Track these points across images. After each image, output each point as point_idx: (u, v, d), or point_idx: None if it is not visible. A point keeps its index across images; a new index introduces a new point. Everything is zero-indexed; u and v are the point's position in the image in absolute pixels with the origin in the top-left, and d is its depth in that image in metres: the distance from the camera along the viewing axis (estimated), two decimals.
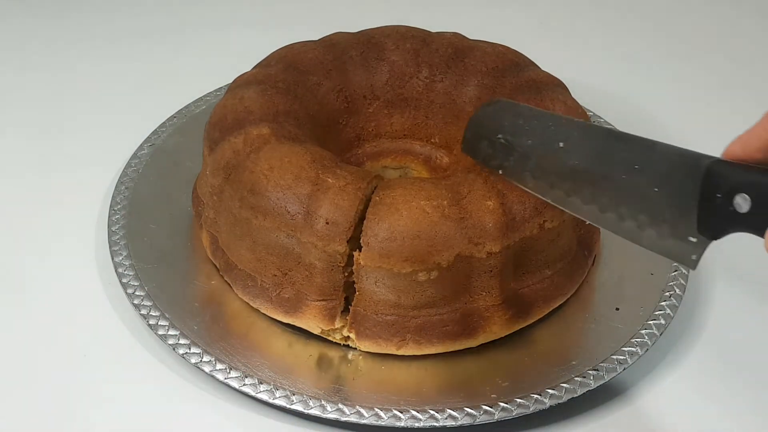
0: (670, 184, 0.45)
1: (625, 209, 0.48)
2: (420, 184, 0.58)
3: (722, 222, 0.42)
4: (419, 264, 0.56)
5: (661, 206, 0.46)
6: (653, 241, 0.47)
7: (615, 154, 0.49)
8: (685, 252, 0.45)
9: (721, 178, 0.42)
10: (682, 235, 0.44)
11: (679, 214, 0.44)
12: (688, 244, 0.44)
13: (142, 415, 0.57)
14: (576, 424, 0.58)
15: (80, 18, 0.97)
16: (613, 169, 0.49)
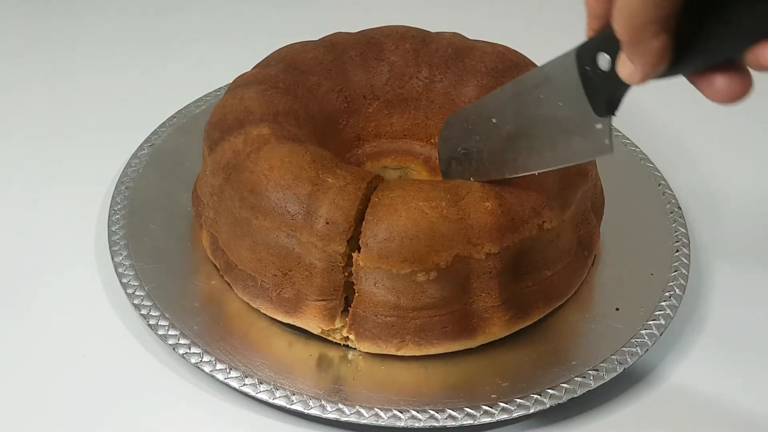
0: (564, 90, 0.48)
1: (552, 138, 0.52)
2: (418, 186, 0.58)
3: (603, 88, 0.45)
4: (418, 264, 0.56)
5: (568, 116, 0.49)
6: (578, 150, 0.50)
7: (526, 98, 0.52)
8: (600, 141, 0.48)
9: (584, 52, 0.45)
10: (591, 127, 0.47)
11: (579, 110, 0.47)
12: (597, 134, 0.47)
13: (142, 415, 0.57)
14: (576, 424, 0.58)
15: (81, 18, 0.97)
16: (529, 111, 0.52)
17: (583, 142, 0.49)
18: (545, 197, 0.58)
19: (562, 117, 0.50)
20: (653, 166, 0.76)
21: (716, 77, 0.38)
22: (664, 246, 0.68)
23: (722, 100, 0.38)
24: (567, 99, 0.49)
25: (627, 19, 0.38)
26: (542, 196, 0.58)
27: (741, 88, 0.38)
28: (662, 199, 0.72)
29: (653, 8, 0.37)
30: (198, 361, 0.57)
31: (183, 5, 1.01)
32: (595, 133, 0.48)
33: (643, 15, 0.37)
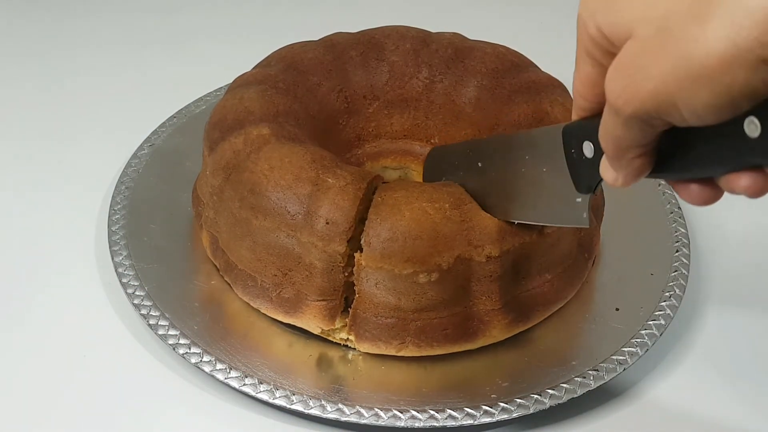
0: (549, 160, 0.50)
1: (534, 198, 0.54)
2: (422, 187, 0.58)
3: (585, 173, 0.47)
4: (420, 265, 0.56)
5: (551, 183, 0.51)
6: (557, 215, 0.52)
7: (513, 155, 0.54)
8: (578, 213, 0.50)
9: (571, 135, 0.47)
10: (571, 200, 0.49)
11: (561, 182, 0.49)
12: (576, 207, 0.49)
13: (142, 414, 0.57)
14: (576, 425, 0.58)
15: (80, 18, 0.97)
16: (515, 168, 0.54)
17: (562, 210, 0.51)
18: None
19: (545, 182, 0.52)
20: None
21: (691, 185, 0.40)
22: (664, 246, 0.68)
23: (695, 203, 0.41)
24: (551, 169, 0.51)
25: (611, 141, 0.39)
26: None
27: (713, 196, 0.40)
28: (662, 199, 0.72)
29: (636, 137, 0.38)
30: (198, 361, 0.57)
31: (183, 5, 1.01)
32: (574, 205, 0.50)
33: (626, 141, 0.39)
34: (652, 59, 0.34)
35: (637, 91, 0.35)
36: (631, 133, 0.38)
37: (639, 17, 0.35)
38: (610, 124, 0.38)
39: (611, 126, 0.38)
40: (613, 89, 0.37)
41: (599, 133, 0.40)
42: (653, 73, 0.34)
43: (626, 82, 0.36)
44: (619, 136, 0.38)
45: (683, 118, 0.35)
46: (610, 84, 0.37)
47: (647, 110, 0.35)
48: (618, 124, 0.37)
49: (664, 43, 0.34)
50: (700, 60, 0.32)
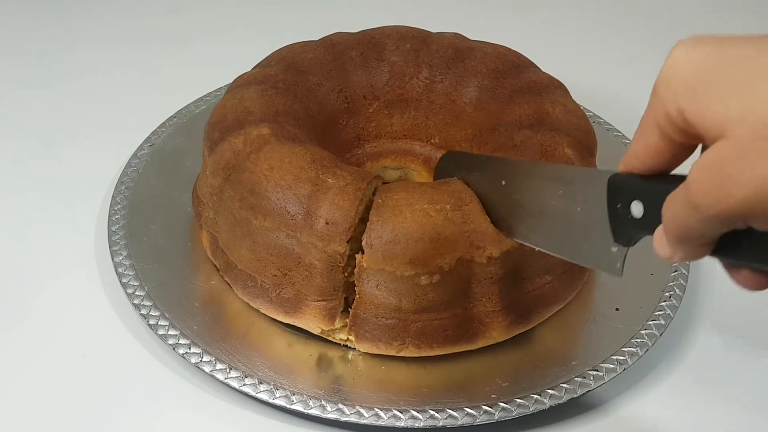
0: (587, 202, 0.48)
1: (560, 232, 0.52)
2: (422, 188, 0.58)
3: (629, 228, 0.45)
4: (422, 267, 0.56)
5: (584, 223, 0.49)
6: (586, 256, 0.50)
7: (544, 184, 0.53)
8: (611, 261, 0.48)
9: (619, 189, 0.45)
10: (605, 246, 0.48)
11: (597, 227, 0.48)
12: (611, 254, 0.47)
13: (142, 414, 0.57)
14: (576, 425, 0.58)
15: (80, 18, 0.97)
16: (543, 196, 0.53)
17: (592, 253, 0.49)
18: None
19: (577, 221, 0.49)
20: None
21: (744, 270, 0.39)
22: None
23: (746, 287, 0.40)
24: (587, 211, 0.48)
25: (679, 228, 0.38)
26: None
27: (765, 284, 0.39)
28: None
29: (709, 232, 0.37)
30: (198, 361, 0.57)
31: (183, 5, 1.01)
32: (608, 252, 0.47)
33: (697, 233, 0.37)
34: (747, 167, 0.34)
35: (727, 196, 0.34)
36: (706, 229, 0.37)
37: (734, 117, 0.34)
38: (683, 215, 0.37)
39: (684, 217, 0.37)
40: (699, 189, 0.35)
41: (664, 214, 0.39)
42: (747, 180, 0.34)
43: (715, 185, 0.35)
44: (690, 227, 0.37)
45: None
46: (697, 184, 0.36)
47: (733, 214, 0.35)
48: (694, 218, 0.36)
49: (762, 151, 0.33)
50: None
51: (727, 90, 0.35)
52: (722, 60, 0.36)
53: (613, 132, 0.80)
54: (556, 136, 0.62)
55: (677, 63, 0.37)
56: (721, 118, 0.35)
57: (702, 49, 0.36)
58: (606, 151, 0.71)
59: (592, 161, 0.64)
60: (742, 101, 0.34)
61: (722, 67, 0.35)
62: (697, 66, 0.36)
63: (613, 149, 0.77)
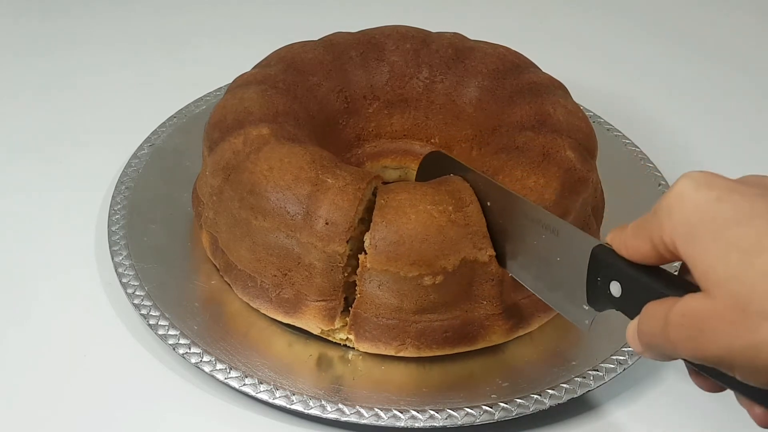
0: (568, 258, 0.49)
1: (536, 270, 0.53)
2: (423, 189, 0.58)
3: (604, 300, 0.46)
4: (426, 268, 0.56)
5: (561, 274, 0.50)
6: (557, 302, 0.51)
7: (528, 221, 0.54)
8: (580, 316, 0.49)
9: (602, 264, 0.46)
10: (577, 302, 0.49)
11: (573, 284, 0.49)
12: (582, 311, 0.49)
13: (141, 414, 0.57)
14: (576, 425, 0.58)
15: (80, 18, 0.97)
16: (525, 232, 0.54)
17: (564, 303, 0.50)
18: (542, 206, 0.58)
19: (555, 269, 0.51)
20: (653, 166, 0.76)
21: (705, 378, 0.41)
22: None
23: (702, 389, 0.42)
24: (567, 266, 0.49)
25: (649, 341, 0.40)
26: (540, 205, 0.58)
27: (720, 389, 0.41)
28: None
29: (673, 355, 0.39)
30: (198, 361, 0.57)
31: (183, 5, 1.00)
32: (580, 308, 0.49)
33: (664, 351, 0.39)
34: (723, 332, 0.35)
35: (701, 349, 0.36)
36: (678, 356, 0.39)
37: (719, 278, 0.36)
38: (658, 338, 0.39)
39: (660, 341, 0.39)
40: (677, 332, 0.37)
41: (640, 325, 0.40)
42: (722, 343, 0.35)
43: (692, 336, 0.37)
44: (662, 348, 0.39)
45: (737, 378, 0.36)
46: (676, 327, 0.37)
47: (705, 361, 0.37)
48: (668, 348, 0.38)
49: (740, 325, 0.35)
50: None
51: (719, 250, 0.36)
52: (722, 214, 0.36)
53: (613, 132, 0.80)
54: (557, 137, 0.62)
55: (682, 198, 0.38)
56: (708, 273, 0.36)
57: (708, 194, 0.37)
58: (606, 152, 0.71)
59: (592, 163, 0.64)
60: (730, 267, 0.35)
61: (719, 223, 0.36)
62: (699, 211, 0.37)
63: (613, 149, 0.77)
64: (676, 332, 0.38)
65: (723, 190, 0.37)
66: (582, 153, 0.63)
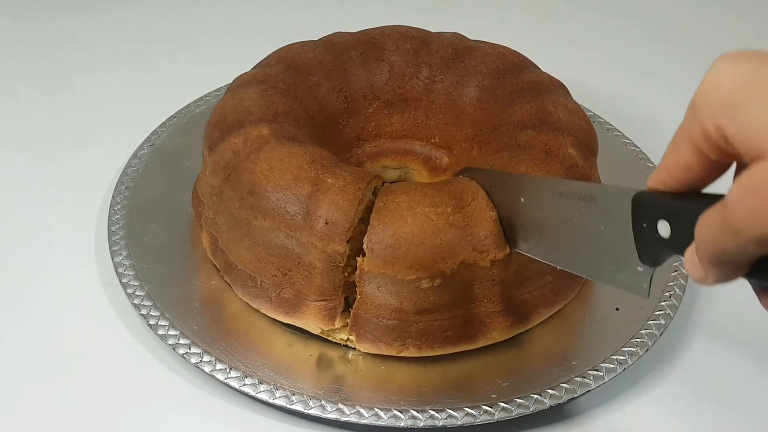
0: (610, 221, 0.47)
1: (584, 251, 0.51)
2: (423, 190, 0.58)
3: (655, 248, 0.44)
4: (423, 271, 0.56)
5: (608, 243, 0.48)
6: (610, 276, 0.49)
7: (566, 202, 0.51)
8: (637, 282, 0.47)
9: (644, 208, 0.44)
10: (630, 266, 0.46)
11: (622, 247, 0.46)
12: (637, 275, 0.46)
13: (141, 414, 0.57)
14: (576, 425, 0.58)
15: (80, 18, 0.97)
16: (565, 215, 0.51)
17: (617, 272, 0.48)
18: None
19: (601, 240, 0.48)
20: (653, 167, 0.76)
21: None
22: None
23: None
24: (611, 230, 0.47)
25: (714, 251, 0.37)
26: None
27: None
28: None
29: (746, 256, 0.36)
30: (198, 361, 0.57)
31: (183, 5, 1.00)
32: (634, 273, 0.46)
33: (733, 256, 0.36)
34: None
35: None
36: (743, 252, 0.36)
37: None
38: (720, 237, 0.36)
39: (721, 239, 0.36)
40: (740, 211, 0.34)
41: (698, 236, 0.37)
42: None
43: (757, 207, 0.34)
44: (727, 250, 0.36)
45: None
46: (737, 205, 0.35)
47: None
48: (731, 241, 0.35)
49: None
50: None
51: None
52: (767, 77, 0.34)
53: (613, 132, 0.80)
54: (559, 136, 0.62)
55: (719, 77, 0.36)
56: (761, 139, 0.34)
57: (746, 65, 0.35)
58: (606, 152, 0.71)
59: (593, 161, 0.64)
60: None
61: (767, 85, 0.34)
62: (740, 82, 0.35)
63: (613, 149, 0.77)
64: (737, 213, 0.34)
65: (759, 59, 0.35)
66: (583, 151, 0.63)
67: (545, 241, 0.54)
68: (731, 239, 0.35)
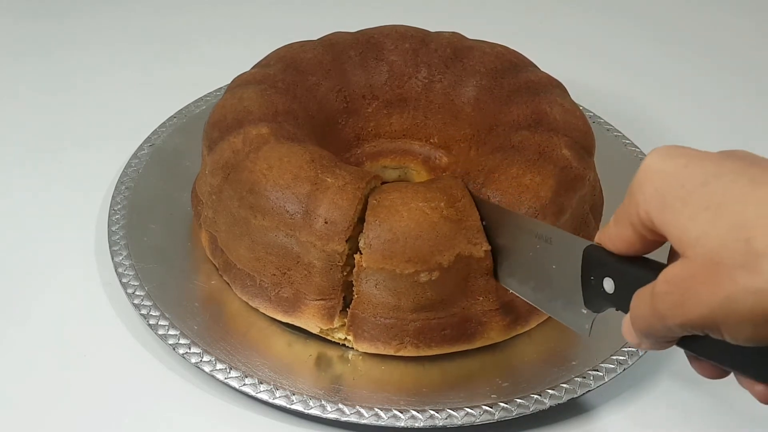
0: (562, 264, 0.50)
1: (533, 282, 0.54)
2: (415, 187, 0.58)
3: (599, 300, 0.47)
4: (421, 264, 0.56)
5: (558, 281, 0.51)
6: (557, 311, 0.52)
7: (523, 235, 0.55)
8: (580, 322, 0.50)
9: (594, 263, 0.47)
10: (576, 307, 0.50)
11: (570, 290, 0.49)
12: (581, 315, 0.50)
13: (142, 414, 0.57)
14: (576, 425, 0.58)
15: (80, 18, 0.97)
16: (521, 246, 0.55)
17: (563, 309, 0.51)
18: (538, 205, 0.58)
19: (552, 277, 0.52)
20: None
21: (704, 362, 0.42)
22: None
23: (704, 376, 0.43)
24: (562, 272, 0.50)
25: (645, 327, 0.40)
26: (535, 203, 0.58)
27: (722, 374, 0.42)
28: None
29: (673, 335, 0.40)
30: (198, 361, 0.57)
31: (183, 5, 1.00)
32: (578, 313, 0.50)
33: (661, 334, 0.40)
34: (703, 289, 0.36)
35: (686, 311, 0.37)
36: (670, 332, 0.39)
37: (692, 238, 0.37)
38: (648, 318, 0.39)
39: (650, 320, 0.39)
40: (664, 301, 0.38)
41: (632, 310, 0.41)
42: (702, 301, 0.36)
43: (677, 301, 0.37)
44: (656, 330, 0.40)
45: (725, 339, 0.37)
46: (662, 296, 0.38)
47: (693, 327, 0.37)
48: (659, 324, 0.39)
49: (716, 279, 0.36)
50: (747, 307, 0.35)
51: (689, 212, 0.37)
52: (690, 178, 0.37)
53: (613, 132, 0.80)
54: (553, 136, 0.62)
55: (651, 170, 0.39)
56: (681, 237, 0.37)
57: (674, 163, 0.38)
58: (606, 152, 0.71)
59: (590, 162, 0.64)
60: (699, 225, 0.36)
61: (688, 187, 0.37)
62: (667, 180, 0.38)
63: (613, 149, 0.77)
64: (662, 303, 0.38)
65: (690, 157, 0.38)
66: (578, 151, 0.63)
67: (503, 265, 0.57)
68: (659, 322, 0.39)
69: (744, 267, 0.35)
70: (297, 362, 0.59)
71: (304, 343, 0.60)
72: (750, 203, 0.35)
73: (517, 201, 0.58)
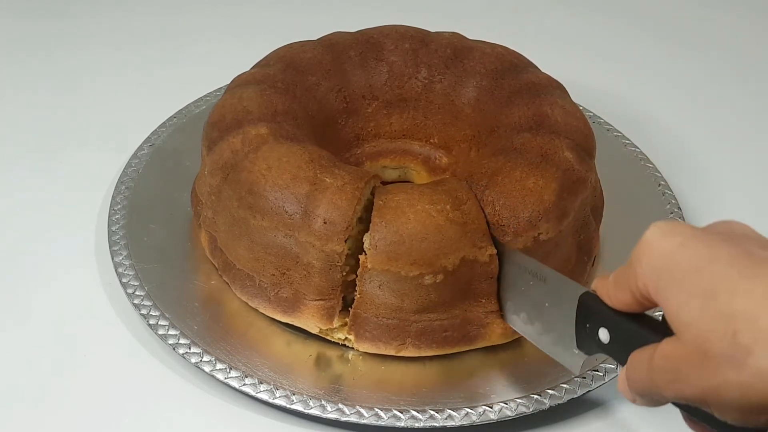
0: (556, 305, 0.51)
1: (526, 316, 0.55)
2: (421, 189, 0.58)
3: (592, 345, 0.47)
4: (427, 267, 0.56)
5: (551, 320, 0.52)
6: (548, 346, 0.53)
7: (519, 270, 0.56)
8: (571, 360, 0.51)
9: (589, 311, 0.47)
10: (568, 347, 0.50)
11: (563, 330, 0.50)
12: (572, 354, 0.50)
13: (142, 414, 0.57)
14: (576, 425, 0.58)
15: (80, 18, 0.97)
16: (516, 279, 0.56)
17: (556, 347, 0.52)
18: (542, 208, 0.58)
19: (545, 314, 0.52)
20: (653, 167, 0.76)
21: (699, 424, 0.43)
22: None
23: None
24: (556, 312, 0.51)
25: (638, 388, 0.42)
26: (539, 207, 0.58)
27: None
28: (662, 199, 0.72)
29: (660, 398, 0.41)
30: (198, 361, 0.57)
31: (183, 5, 1.00)
32: (570, 352, 0.50)
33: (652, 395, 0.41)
34: (693, 373, 0.38)
35: (680, 389, 0.39)
36: (664, 399, 0.41)
37: (683, 323, 0.38)
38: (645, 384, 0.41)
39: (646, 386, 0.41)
40: (660, 377, 0.40)
41: (628, 372, 0.42)
42: (692, 384, 0.38)
43: (670, 379, 0.39)
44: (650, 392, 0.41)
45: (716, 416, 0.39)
46: (658, 371, 0.40)
47: (686, 401, 0.39)
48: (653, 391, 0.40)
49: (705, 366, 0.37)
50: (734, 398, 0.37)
51: (682, 297, 0.38)
52: (684, 262, 0.38)
53: (613, 132, 0.80)
54: (555, 138, 0.62)
55: (650, 246, 0.40)
56: (674, 319, 0.39)
57: (671, 241, 0.39)
58: (606, 152, 0.71)
59: (591, 163, 0.64)
60: (691, 312, 0.38)
61: (681, 270, 0.38)
62: (662, 258, 0.39)
63: (613, 150, 0.77)
64: (659, 376, 0.40)
65: (687, 237, 0.39)
66: (580, 153, 0.63)
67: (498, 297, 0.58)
68: (653, 390, 0.40)
69: (731, 360, 0.36)
70: (297, 362, 0.59)
71: (304, 343, 0.60)
72: (738, 294, 0.36)
73: (520, 204, 0.58)
